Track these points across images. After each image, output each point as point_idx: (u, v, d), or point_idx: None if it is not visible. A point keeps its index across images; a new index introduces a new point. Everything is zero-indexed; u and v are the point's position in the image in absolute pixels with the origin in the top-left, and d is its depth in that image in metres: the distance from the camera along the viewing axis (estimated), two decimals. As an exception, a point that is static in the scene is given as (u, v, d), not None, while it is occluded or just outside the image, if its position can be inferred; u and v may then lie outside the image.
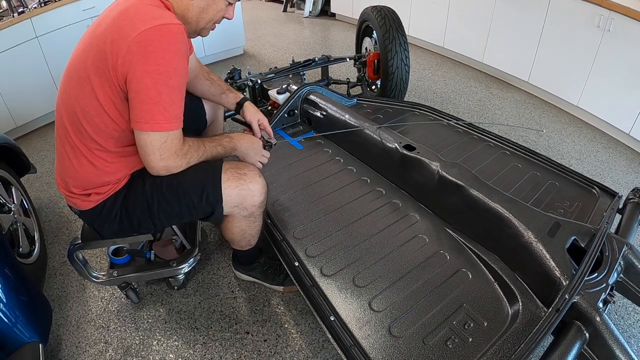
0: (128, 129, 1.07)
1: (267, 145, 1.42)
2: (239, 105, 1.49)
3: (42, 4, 2.78)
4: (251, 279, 1.62)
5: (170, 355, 1.41)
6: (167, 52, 0.97)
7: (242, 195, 1.22)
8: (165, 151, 1.05)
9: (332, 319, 1.14)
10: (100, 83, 1.01)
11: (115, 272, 1.46)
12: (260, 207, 1.30)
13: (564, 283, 1.05)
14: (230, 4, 1.17)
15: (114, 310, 1.59)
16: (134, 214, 1.20)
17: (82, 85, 1.04)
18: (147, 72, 0.96)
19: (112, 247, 1.53)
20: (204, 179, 1.18)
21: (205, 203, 1.20)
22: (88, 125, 1.06)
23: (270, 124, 1.49)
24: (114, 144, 1.11)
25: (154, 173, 1.09)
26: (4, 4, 2.71)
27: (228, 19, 1.20)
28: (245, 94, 2.48)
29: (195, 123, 1.56)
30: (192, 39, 1.22)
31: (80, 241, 1.34)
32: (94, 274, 1.44)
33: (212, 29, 1.21)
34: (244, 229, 1.35)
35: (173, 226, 1.51)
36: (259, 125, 1.46)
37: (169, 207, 1.19)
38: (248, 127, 1.49)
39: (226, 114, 2.18)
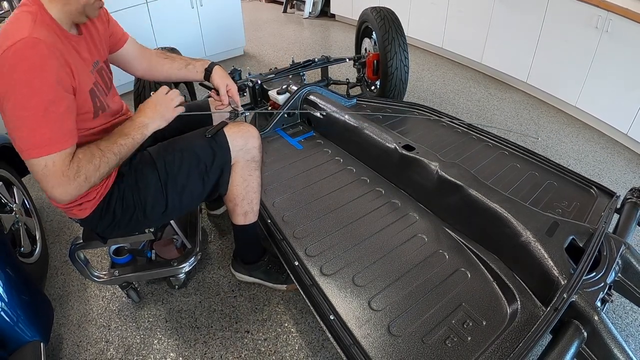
0: None
1: (233, 115, 1.38)
2: (208, 72, 1.40)
3: (43, 5, 2.79)
4: (253, 279, 1.63)
5: (171, 354, 1.42)
6: (15, 73, 0.88)
7: (245, 136, 1.31)
8: (51, 177, 0.94)
9: (332, 318, 1.15)
10: None
11: (117, 271, 1.46)
12: (259, 151, 1.37)
13: (562, 282, 1.06)
14: None
15: (115, 310, 1.59)
16: (146, 197, 1.20)
17: None
18: (3, 99, 0.89)
19: (114, 247, 1.53)
20: (209, 139, 1.26)
21: (217, 163, 1.27)
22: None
23: (270, 124, 1.49)
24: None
25: (58, 202, 1.02)
26: (6, 4, 2.72)
27: None
28: (245, 94, 2.48)
29: (202, 125, 1.52)
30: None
31: (81, 241, 1.35)
32: (95, 274, 1.44)
33: (100, 7, 1.07)
34: (246, 177, 1.36)
35: (174, 225, 1.52)
36: (227, 91, 1.37)
37: (183, 178, 1.22)
38: (215, 92, 1.40)
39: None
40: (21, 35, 0.89)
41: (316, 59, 2.56)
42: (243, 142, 1.31)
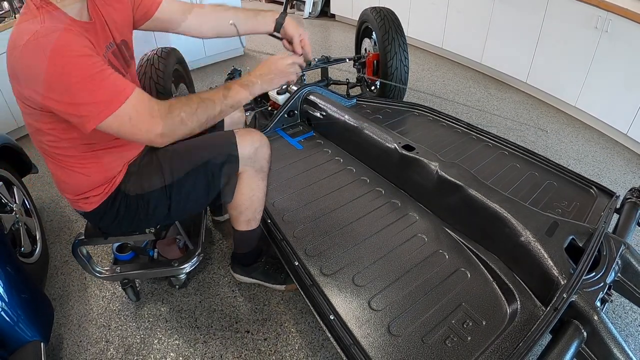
0: (73, 137, 1.03)
1: (306, 64, 1.31)
2: (279, 23, 1.32)
3: (43, 5, 2.79)
4: (252, 280, 1.63)
5: (171, 354, 1.42)
6: (46, 60, 0.85)
7: (254, 145, 1.28)
8: (141, 124, 0.94)
9: (332, 317, 1.15)
10: (28, 99, 0.95)
11: (118, 268, 1.47)
12: (268, 161, 1.35)
13: (562, 282, 1.06)
14: None
15: (115, 309, 1.59)
16: (149, 200, 1.20)
17: (22, 103, 0.99)
18: (46, 89, 0.88)
19: (117, 244, 1.54)
20: (219, 142, 1.26)
21: (225, 168, 1.24)
22: (42, 140, 1.04)
23: (270, 124, 1.49)
24: (76, 150, 1.07)
25: (159, 145, 1.00)
26: (6, 5, 2.72)
27: None
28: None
29: None
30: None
31: (84, 237, 1.35)
32: (97, 269, 1.45)
33: None
34: (253, 187, 1.34)
35: (178, 226, 1.52)
36: (300, 41, 1.30)
37: (189, 184, 1.21)
38: (288, 43, 1.34)
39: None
40: (35, 28, 0.88)
41: (316, 59, 2.57)
42: (253, 151, 1.28)
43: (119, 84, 0.93)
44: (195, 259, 1.49)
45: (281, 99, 2.14)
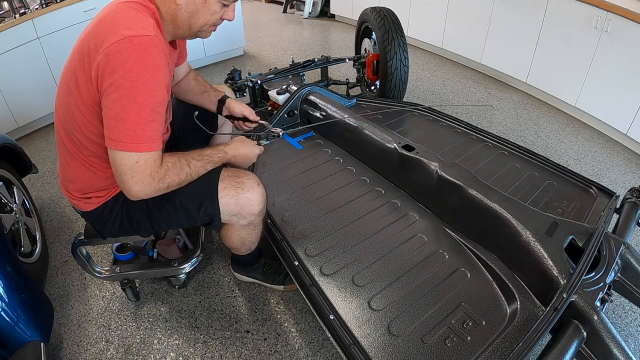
0: None
1: (271, 135, 1.39)
2: (221, 103, 1.45)
3: (44, 5, 2.79)
4: (252, 279, 1.63)
5: (171, 354, 1.42)
6: (136, 65, 0.90)
7: (240, 204, 1.19)
8: (139, 173, 0.97)
9: (332, 317, 1.15)
10: (83, 94, 0.98)
11: (118, 268, 1.47)
12: (260, 215, 1.27)
13: (562, 282, 1.06)
14: (225, 5, 1.06)
15: (115, 309, 1.59)
16: (133, 217, 1.20)
17: (70, 94, 1.01)
18: (113, 85, 0.91)
19: (116, 244, 1.54)
20: (201, 190, 1.16)
21: (203, 214, 1.19)
22: (79, 133, 1.05)
23: (270, 124, 1.49)
24: (106, 151, 1.07)
25: (132, 198, 1.02)
26: (6, 5, 2.72)
27: (228, 20, 1.11)
28: (245, 94, 2.49)
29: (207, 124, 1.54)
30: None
31: (83, 237, 1.35)
32: (97, 269, 1.45)
33: (214, 30, 1.13)
34: (243, 237, 1.34)
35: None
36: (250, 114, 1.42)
37: (167, 215, 1.19)
38: (237, 119, 1.46)
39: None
40: (147, 32, 0.92)
41: (316, 59, 2.57)
42: (237, 209, 1.20)
43: (158, 132, 0.99)
44: (195, 259, 1.49)
45: (281, 99, 2.14)
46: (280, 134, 1.39)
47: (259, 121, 1.45)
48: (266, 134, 1.39)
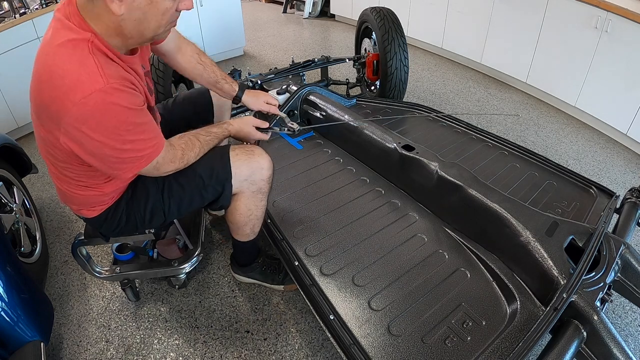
0: (88, 166, 1.03)
1: (287, 129, 1.47)
2: (237, 98, 1.50)
3: (44, 5, 2.79)
4: (251, 280, 1.63)
5: (171, 354, 1.42)
6: (104, 133, 0.89)
7: (252, 167, 1.25)
8: (162, 165, 1.08)
9: (332, 317, 1.15)
10: (57, 147, 0.95)
11: (118, 268, 1.47)
12: (268, 182, 1.31)
13: (562, 282, 1.06)
14: None
15: (115, 309, 1.59)
16: (146, 207, 1.21)
17: (43, 126, 0.95)
18: (91, 155, 0.92)
19: (116, 244, 1.54)
20: (213, 158, 1.23)
21: (215, 181, 1.22)
22: (64, 163, 1.02)
23: (270, 124, 1.49)
24: (86, 177, 1.07)
25: (165, 174, 1.14)
26: (6, 5, 2.72)
27: (186, 9, 0.98)
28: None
29: (204, 113, 1.60)
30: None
31: (83, 237, 1.35)
32: (97, 269, 1.45)
33: (174, 26, 1.02)
34: (251, 207, 1.33)
35: (177, 226, 1.52)
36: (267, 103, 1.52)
37: (180, 190, 1.21)
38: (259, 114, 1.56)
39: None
40: (93, 84, 0.85)
41: (316, 59, 2.57)
42: (249, 172, 1.25)
43: (155, 138, 1.03)
44: (194, 259, 1.49)
45: (281, 99, 2.14)
46: (296, 129, 1.46)
47: (280, 113, 1.55)
48: (284, 125, 1.47)
